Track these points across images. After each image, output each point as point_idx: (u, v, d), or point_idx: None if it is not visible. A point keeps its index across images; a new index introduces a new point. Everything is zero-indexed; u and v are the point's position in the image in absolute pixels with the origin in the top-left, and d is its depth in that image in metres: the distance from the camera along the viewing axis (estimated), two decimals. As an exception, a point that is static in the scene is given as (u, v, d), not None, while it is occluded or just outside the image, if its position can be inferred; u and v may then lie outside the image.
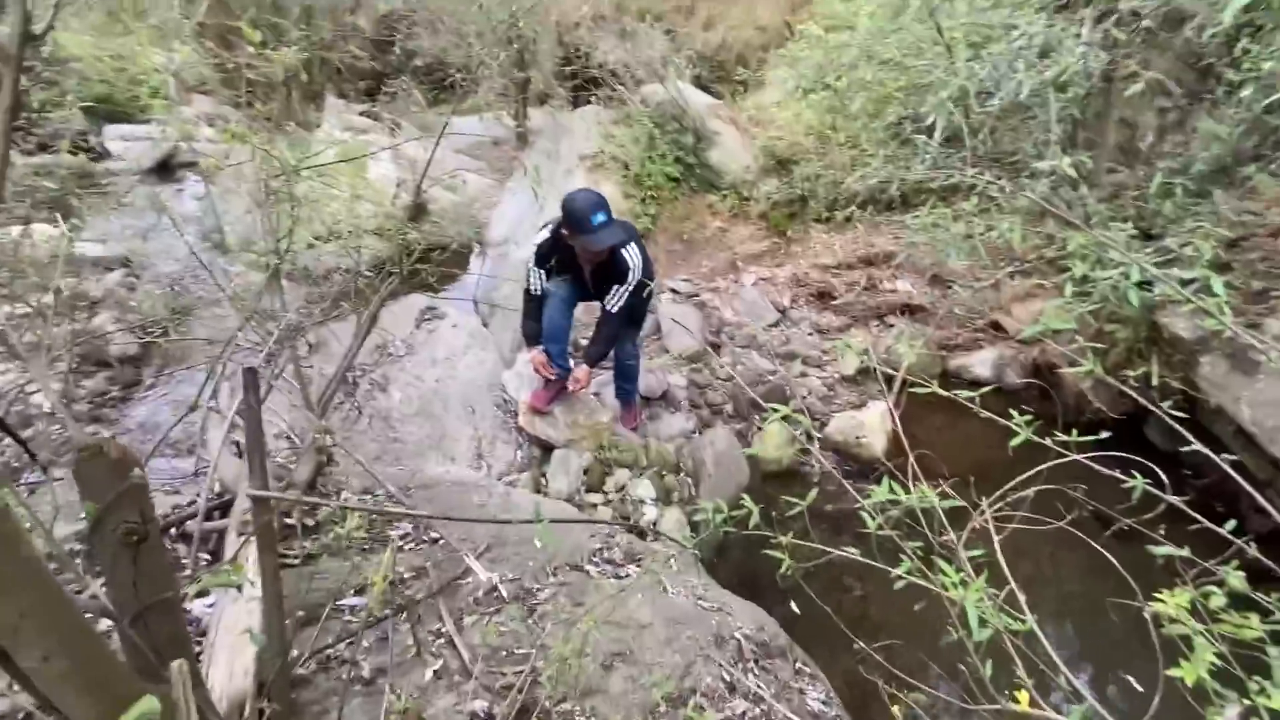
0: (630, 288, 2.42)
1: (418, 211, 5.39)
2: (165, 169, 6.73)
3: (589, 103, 5.96)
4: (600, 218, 2.20)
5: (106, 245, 5.11)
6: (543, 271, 2.47)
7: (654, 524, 2.34)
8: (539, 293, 2.50)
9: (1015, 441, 1.45)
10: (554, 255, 2.44)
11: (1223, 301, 1.72)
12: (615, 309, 2.45)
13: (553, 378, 2.55)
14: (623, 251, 2.37)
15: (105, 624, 1.17)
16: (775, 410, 1.62)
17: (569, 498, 2.35)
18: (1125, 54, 2.95)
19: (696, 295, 4.18)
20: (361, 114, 7.26)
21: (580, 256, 2.39)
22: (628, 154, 4.94)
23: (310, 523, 1.83)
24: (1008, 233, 2.34)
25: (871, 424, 3.28)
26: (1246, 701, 0.88)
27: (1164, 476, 1.37)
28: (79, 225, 5.73)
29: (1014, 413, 1.50)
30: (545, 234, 2.45)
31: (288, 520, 1.68)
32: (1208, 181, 3.06)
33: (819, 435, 3.31)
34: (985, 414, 1.57)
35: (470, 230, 5.74)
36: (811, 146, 4.39)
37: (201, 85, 6.56)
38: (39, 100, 5.59)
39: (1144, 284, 2.15)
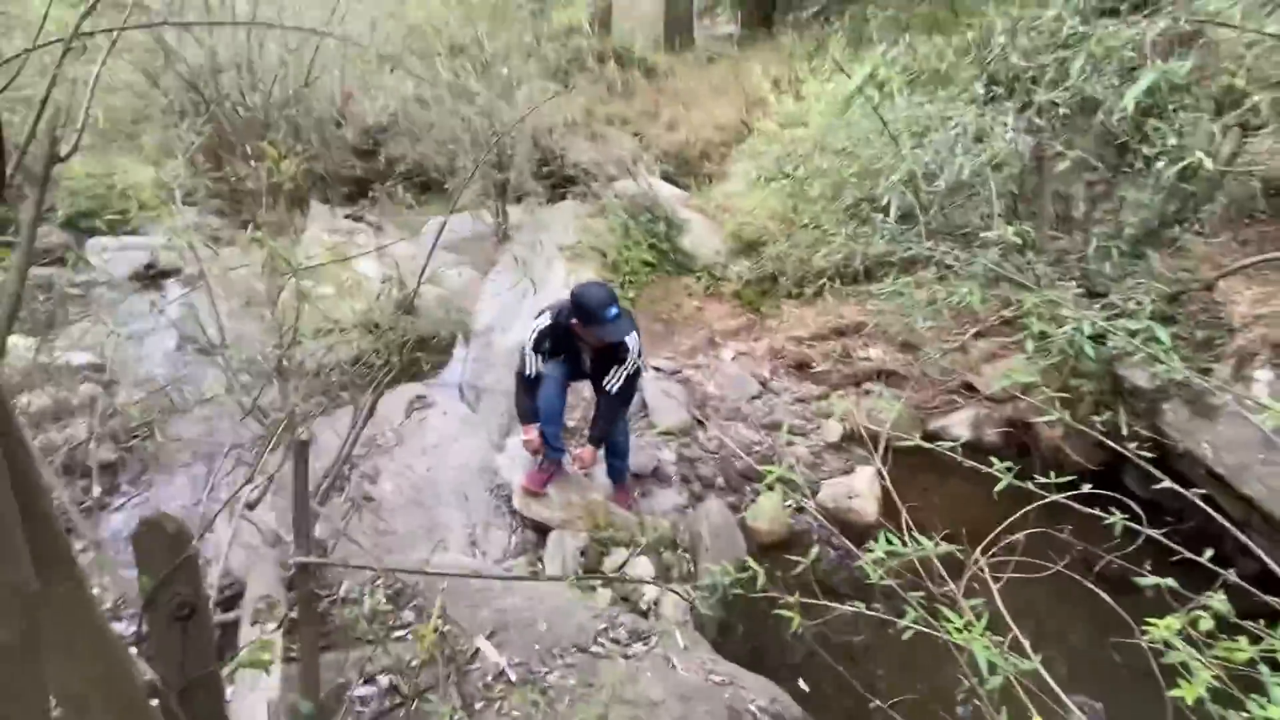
0: (629, 369, 2.52)
1: (408, 306, 5.53)
2: (147, 278, 6.84)
3: (564, 199, 6.31)
4: (614, 311, 2.34)
5: (85, 353, 5.10)
6: (539, 355, 2.56)
7: (655, 603, 2.31)
8: (534, 375, 2.58)
9: (1000, 486, 1.53)
10: (552, 340, 2.54)
11: (1168, 348, 1.88)
12: (615, 389, 2.53)
13: (545, 458, 2.59)
14: (630, 335, 2.52)
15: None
16: (769, 471, 1.69)
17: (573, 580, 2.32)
18: (1050, 137, 3.30)
19: (679, 372, 4.29)
20: (346, 217, 7.55)
21: (583, 342, 2.51)
22: (605, 243, 5.20)
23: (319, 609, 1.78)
24: (968, 296, 2.52)
25: (862, 488, 3.33)
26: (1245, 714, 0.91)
27: (1143, 515, 1.45)
28: (54, 336, 5.75)
29: (994, 459, 1.59)
30: (544, 320, 2.53)
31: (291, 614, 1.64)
32: (1141, 243, 3.35)
33: (810, 504, 3.34)
34: (969, 463, 1.66)
35: (456, 321, 5.87)
36: (776, 229, 4.69)
37: (188, 197, 6.80)
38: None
39: (1098, 338, 2.32)
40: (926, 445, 1.64)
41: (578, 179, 5.80)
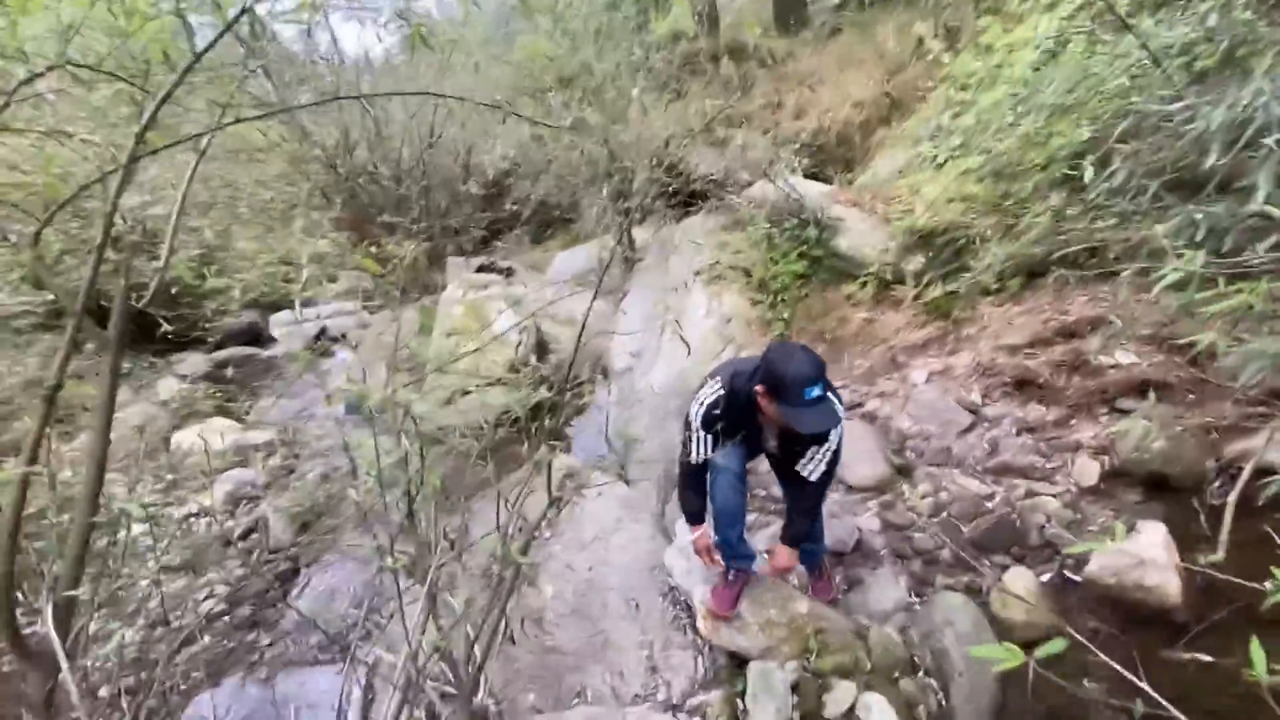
0: (833, 447, 1.93)
1: (541, 353, 5.33)
2: (319, 347, 7.34)
3: (692, 215, 5.82)
4: (815, 391, 1.69)
5: (268, 429, 5.44)
6: (709, 436, 1.99)
7: (908, 767, 1.69)
8: (700, 461, 2.04)
9: None
10: (728, 416, 1.96)
11: None
12: (816, 477, 1.95)
13: (728, 568, 2.09)
14: None
15: None
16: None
17: (782, 732, 1.78)
18: None
19: (860, 405, 3.59)
20: (479, 269, 7.66)
21: (768, 418, 1.92)
22: (746, 259, 4.62)
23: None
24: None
25: (1152, 558, 2.43)
26: None
27: None
28: (248, 412, 6.24)
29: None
30: (715, 390, 1.96)
31: None
32: None
33: (1078, 579, 2.50)
34: None
35: (590, 362, 5.59)
36: (967, 215, 3.82)
37: (341, 268, 7.22)
38: (213, 305, 6.25)
39: None
40: None
41: (707, 192, 5.27)
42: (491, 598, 1.52)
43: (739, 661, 1.99)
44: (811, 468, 1.94)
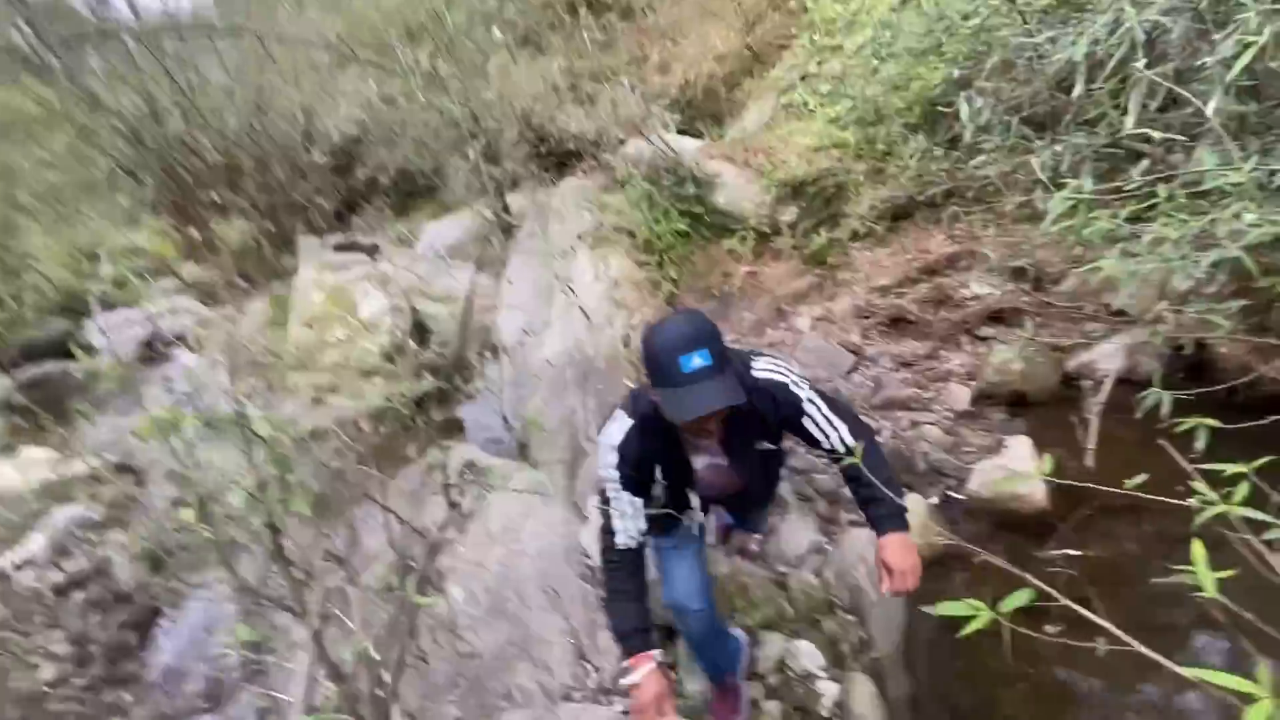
0: (815, 400, 1.41)
1: (420, 336, 4.95)
2: (153, 353, 6.35)
3: (568, 176, 5.59)
4: (696, 361, 1.19)
5: (104, 454, 4.65)
6: (635, 499, 1.38)
7: (839, 705, 1.74)
8: (631, 546, 1.40)
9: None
10: (640, 458, 1.39)
11: None
12: (850, 434, 1.41)
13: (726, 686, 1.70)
14: (762, 375, 1.39)
15: None
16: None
17: (717, 696, 1.77)
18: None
19: (752, 357, 3.65)
20: (337, 247, 6.94)
21: (689, 440, 1.42)
22: (629, 220, 4.50)
23: None
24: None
25: (1022, 467, 2.69)
26: None
27: None
28: (71, 438, 5.29)
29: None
30: (621, 426, 1.39)
31: None
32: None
33: (962, 497, 2.72)
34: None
35: (477, 340, 5.29)
36: (830, 163, 3.93)
37: (166, 260, 6.26)
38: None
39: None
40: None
41: (581, 151, 5.06)
42: (395, 615, 1.34)
43: (669, 633, 1.96)
44: (833, 432, 1.41)
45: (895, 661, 1.93)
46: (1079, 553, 2.20)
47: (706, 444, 1.45)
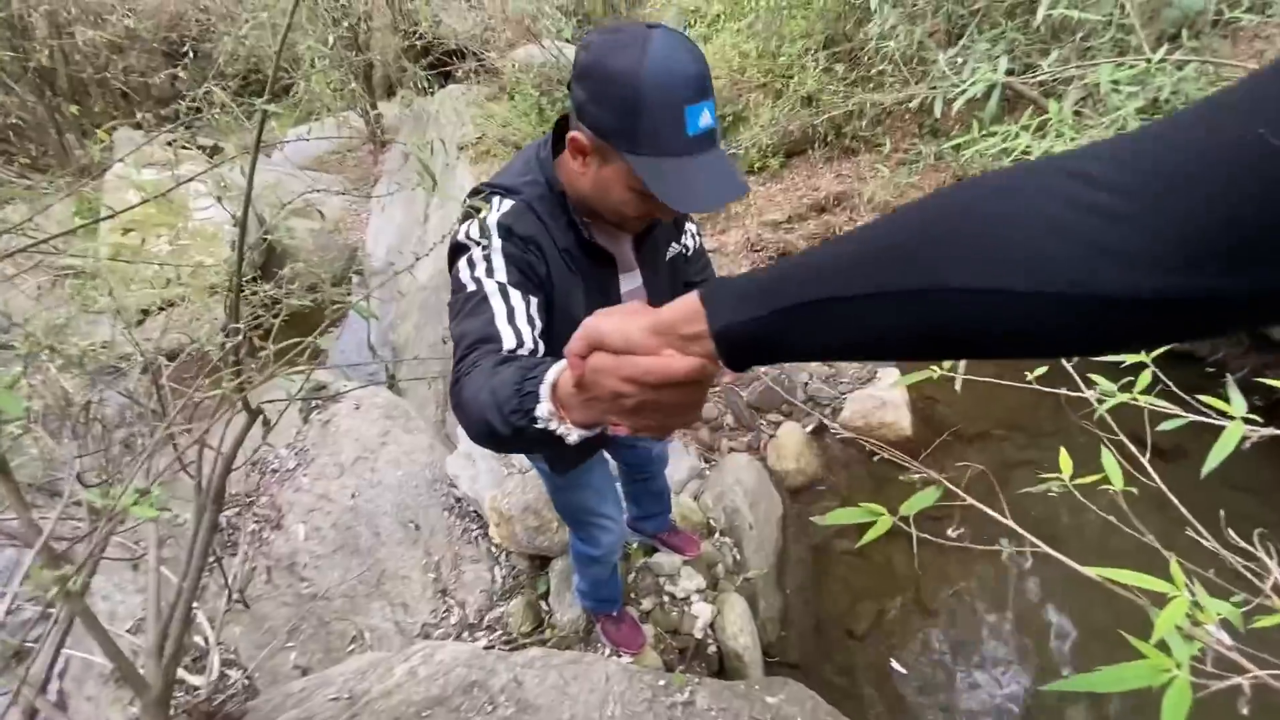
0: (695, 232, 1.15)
1: (268, 256, 4.34)
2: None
3: (451, 86, 5.03)
4: (706, 119, 0.75)
5: None
6: (526, 297, 0.81)
7: (710, 627, 1.72)
8: (524, 349, 0.76)
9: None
10: (537, 261, 0.86)
11: None
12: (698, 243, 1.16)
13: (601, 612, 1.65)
14: None
15: None
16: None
17: (589, 625, 1.68)
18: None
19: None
20: (169, 144, 5.88)
21: (608, 223, 0.90)
22: (516, 133, 4.13)
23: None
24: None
25: (890, 397, 2.79)
26: None
27: None
28: None
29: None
30: (498, 209, 0.87)
31: None
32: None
33: (835, 426, 2.79)
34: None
35: (342, 262, 4.75)
36: (730, 91, 3.78)
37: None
38: None
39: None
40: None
41: (464, 51, 4.54)
42: (187, 560, 1.09)
43: (540, 563, 1.84)
44: (691, 242, 1.13)
45: (769, 581, 1.95)
46: (940, 475, 2.31)
47: (622, 254, 0.97)
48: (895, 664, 1.96)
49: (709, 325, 0.36)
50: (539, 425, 0.53)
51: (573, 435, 0.53)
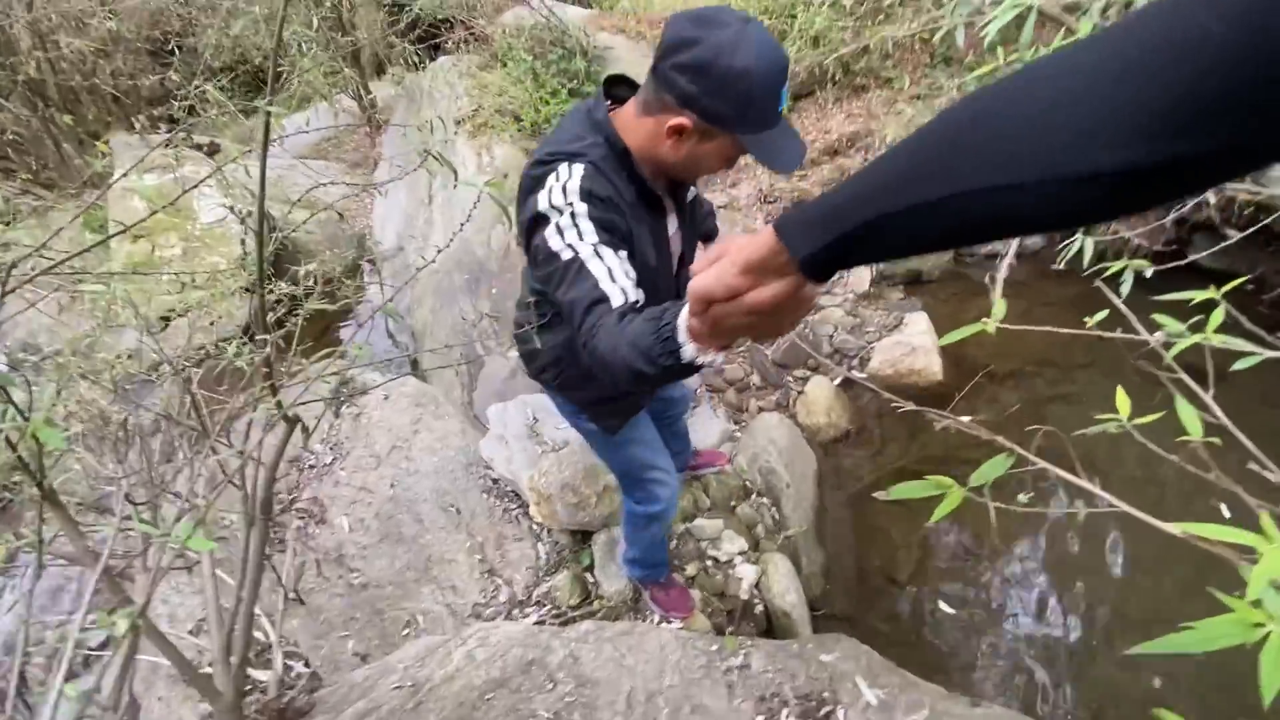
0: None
1: (279, 252, 4.33)
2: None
3: (442, 57, 4.89)
4: (786, 98, 0.91)
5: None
6: (617, 251, 0.88)
7: (756, 587, 1.73)
8: (637, 301, 0.84)
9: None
10: (619, 213, 0.93)
11: None
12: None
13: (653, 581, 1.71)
14: None
15: None
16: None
17: (636, 594, 1.70)
18: None
19: (656, 249, 3.45)
20: (167, 145, 5.84)
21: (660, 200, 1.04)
22: (513, 101, 4.02)
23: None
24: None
25: (920, 342, 2.74)
26: None
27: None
28: None
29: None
30: (569, 172, 0.91)
31: None
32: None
33: (864, 376, 2.75)
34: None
35: (352, 251, 4.72)
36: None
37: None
38: None
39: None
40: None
41: (452, 19, 4.40)
42: (242, 571, 1.11)
43: (582, 537, 1.86)
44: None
45: (809, 537, 1.95)
46: (975, 418, 2.27)
47: (669, 205, 1.10)
48: (944, 604, 1.97)
49: (791, 257, 0.45)
50: (684, 360, 0.65)
51: (718, 360, 0.69)
